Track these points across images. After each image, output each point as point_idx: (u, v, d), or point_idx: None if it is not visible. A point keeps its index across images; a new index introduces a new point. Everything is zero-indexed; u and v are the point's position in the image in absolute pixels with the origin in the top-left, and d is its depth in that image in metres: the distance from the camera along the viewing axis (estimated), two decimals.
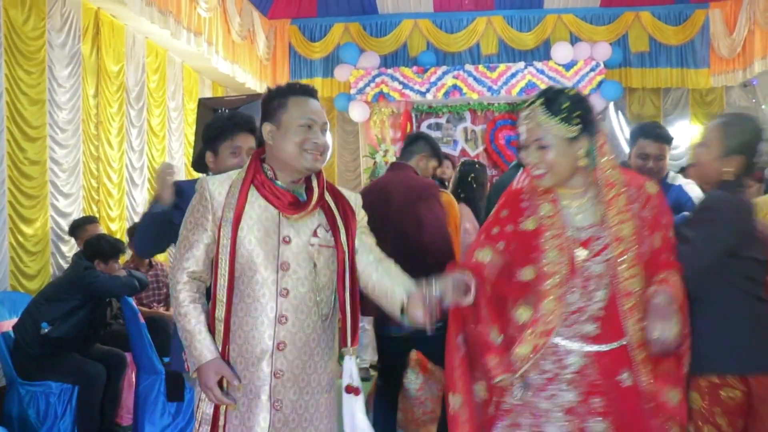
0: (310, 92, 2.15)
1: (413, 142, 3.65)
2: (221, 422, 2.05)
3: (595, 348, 2.02)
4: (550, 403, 2.02)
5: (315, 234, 2.11)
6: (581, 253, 2.03)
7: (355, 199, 2.25)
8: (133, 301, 4.30)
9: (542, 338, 2.01)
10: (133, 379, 4.75)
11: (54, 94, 5.16)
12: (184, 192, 2.72)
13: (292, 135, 2.07)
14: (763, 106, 9.11)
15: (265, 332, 2.04)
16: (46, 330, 4.04)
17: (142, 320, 4.23)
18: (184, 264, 2.08)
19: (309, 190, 2.14)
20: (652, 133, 3.29)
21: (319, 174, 2.16)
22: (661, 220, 2.09)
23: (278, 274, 2.05)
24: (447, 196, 3.65)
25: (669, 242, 2.11)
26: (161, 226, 2.71)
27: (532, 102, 2.06)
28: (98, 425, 4.15)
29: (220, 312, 2.04)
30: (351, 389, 2.11)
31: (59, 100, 5.22)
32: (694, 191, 3.26)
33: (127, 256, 5.19)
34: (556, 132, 2.00)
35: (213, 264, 2.08)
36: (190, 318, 2.05)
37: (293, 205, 2.09)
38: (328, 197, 2.17)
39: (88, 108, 5.65)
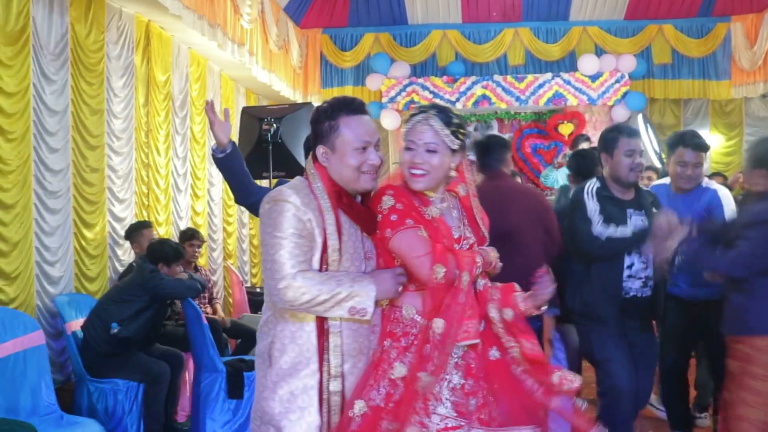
0: (360, 109, 2.13)
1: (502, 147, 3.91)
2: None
3: None
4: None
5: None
6: None
7: None
8: (195, 303, 4.50)
9: None
10: (187, 378, 4.98)
11: (111, 104, 5.39)
12: None
13: (349, 159, 2.08)
14: None
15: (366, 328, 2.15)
16: (116, 330, 4.25)
17: (205, 321, 4.43)
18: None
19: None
20: (691, 142, 3.58)
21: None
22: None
23: None
24: None
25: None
26: (229, 172, 3.04)
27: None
28: (163, 421, 4.36)
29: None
30: None
31: (115, 110, 5.45)
32: (726, 197, 3.62)
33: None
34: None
35: None
36: (332, 276, 2.03)
37: (373, 222, 2.15)
38: None
39: (139, 116, 5.87)
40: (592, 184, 3.36)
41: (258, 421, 2.14)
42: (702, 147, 3.63)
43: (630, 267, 3.25)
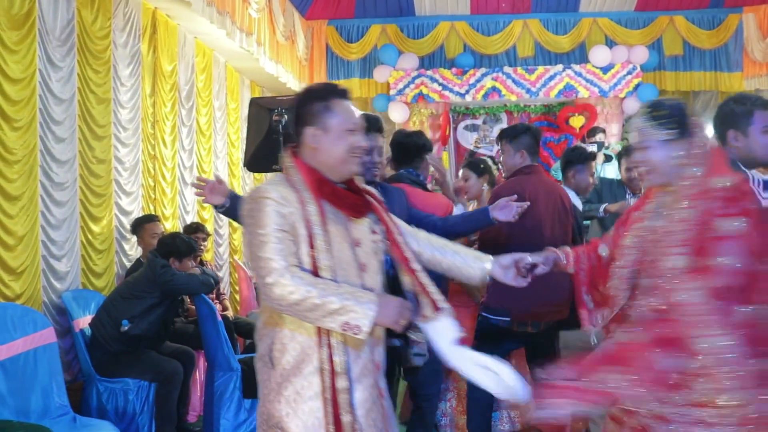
0: (348, 95, 2.15)
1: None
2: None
3: None
4: None
5: (373, 231, 2.18)
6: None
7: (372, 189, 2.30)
8: (209, 299, 4.34)
9: None
10: (197, 377, 4.81)
11: (118, 93, 5.20)
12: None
13: (341, 140, 2.07)
14: None
15: None
16: (126, 327, 4.08)
17: (220, 318, 4.26)
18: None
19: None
20: None
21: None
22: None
23: (363, 276, 2.10)
24: None
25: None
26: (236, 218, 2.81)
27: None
28: (176, 422, 4.19)
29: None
30: (465, 341, 2.16)
31: (122, 99, 5.26)
32: None
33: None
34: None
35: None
36: (328, 284, 1.96)
37: (360, 206, 2.13)
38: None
39: (146, 107, 5.69)
40: (755, 177, 2.74)
41: (264, 425, 2.08)
42: None
43: None
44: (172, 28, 6.17)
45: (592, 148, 6.75)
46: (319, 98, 2.09)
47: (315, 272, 1.99)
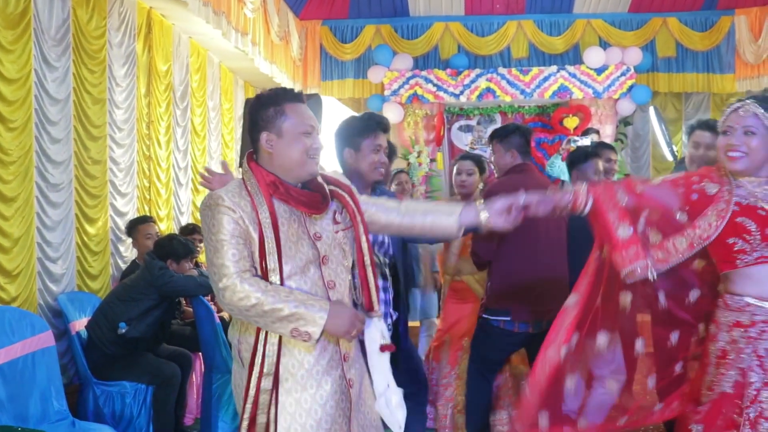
0: (301, 98, 2.17)
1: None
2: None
3: None
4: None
5: (335, 221, 2.19)
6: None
7: (336, 175, 2.34)
8: (207, 301, 4.31)
9: None
10: (194, 379, 4.77)
11: (113, 93, 5.16)
12: None
13: (296, 143, 2.10)
14: None
15: None
16: (124, 330, 4.04)
17: (218, 320, 4.23)
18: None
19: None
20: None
21: None
22: None
23: (321, 269, 2.14)
24: None
25: None
26: None
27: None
28: (173, 425, 4.16)
29: None
30: (386, 347, 2.21)
31: (117, 99, 5.22)
32: None
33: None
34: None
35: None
36: (279, 291, 2.02)
37: (317, 203, 2.14)
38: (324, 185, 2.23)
39: (141, 107, 5.65)
40: None
41: None
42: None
43: None
44: (167, 28, 6.12)
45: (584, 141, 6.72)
46: (271, 103, 2.12)
47: (265, 275, 2.05)
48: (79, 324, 4.26)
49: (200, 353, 4.57)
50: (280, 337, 2.06)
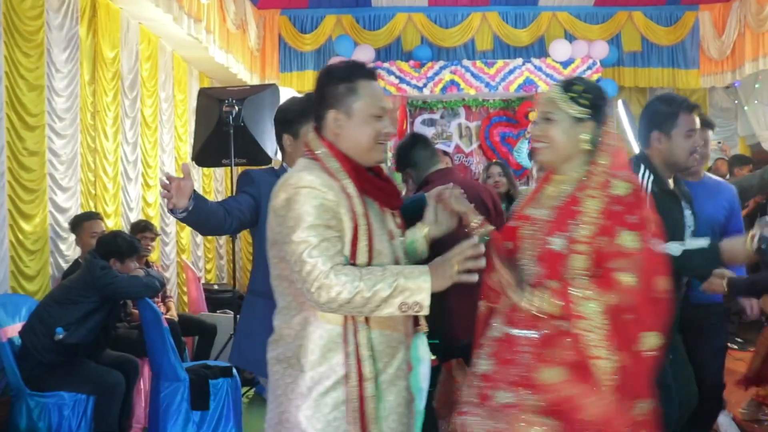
0: (375, 75, 1.98)
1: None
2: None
3: None
4: None
5: (398, 225, 2.04)
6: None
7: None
8: (154, 303, 3.99)
9: None
10: (142, 386, 4.45)
11: (52, 80, 4.79)
12: (255, 181, 2.61)
13: (366, 126, 1.90)
14: (745, 108, 9.23)
15: (399, 321, 1.93)
16: (61, 336, 3.71)
17: (165, 324, 3.92)
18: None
19: None
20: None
21: None
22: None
23: None
24: None
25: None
26: (198, 225, 2.49)
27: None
28: None
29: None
30: (433, 361, 2.10)
31: (57, 86, 4.85)
32: None
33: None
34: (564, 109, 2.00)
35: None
36: (373, 271, 1.78)
37: (396, 196, 2.00)
38: None
39: (85, 96, 5.28)
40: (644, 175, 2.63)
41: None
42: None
43: None
44: (114, 12, 5.75)
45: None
46: (343, 79, 1.91)
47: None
48: (12, 330, 3.90)
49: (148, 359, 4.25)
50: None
